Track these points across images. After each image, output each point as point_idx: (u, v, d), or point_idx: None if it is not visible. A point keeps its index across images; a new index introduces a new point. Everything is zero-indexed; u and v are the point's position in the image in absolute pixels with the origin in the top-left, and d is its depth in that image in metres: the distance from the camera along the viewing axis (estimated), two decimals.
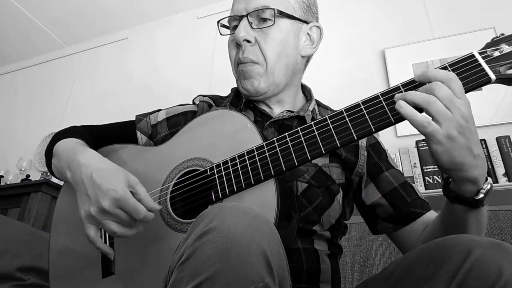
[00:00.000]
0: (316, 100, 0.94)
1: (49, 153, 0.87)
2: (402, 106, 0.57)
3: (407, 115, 0.56)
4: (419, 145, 1.85)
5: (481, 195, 0.59)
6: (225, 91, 1.06)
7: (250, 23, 0.82)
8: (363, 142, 0.85)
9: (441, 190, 1.79)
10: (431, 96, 0.55)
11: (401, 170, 0.87)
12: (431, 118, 0.56)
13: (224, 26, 0.90)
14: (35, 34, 3.38)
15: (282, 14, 0.82)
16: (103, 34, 3.42)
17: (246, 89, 0.84)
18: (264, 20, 0.82)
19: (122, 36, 3.34)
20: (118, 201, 0.65)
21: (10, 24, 3.26)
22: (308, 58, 0.93)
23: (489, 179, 0.60)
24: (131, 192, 0.67)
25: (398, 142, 2.01)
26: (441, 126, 0.54)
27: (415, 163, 1.83)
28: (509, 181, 1.66)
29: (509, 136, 1.75)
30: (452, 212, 0.65)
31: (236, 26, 0.85)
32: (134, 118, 0.97)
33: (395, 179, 0.83)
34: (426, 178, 1.77)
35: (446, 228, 0.68)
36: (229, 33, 0.89)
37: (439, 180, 1.74)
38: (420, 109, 0.56)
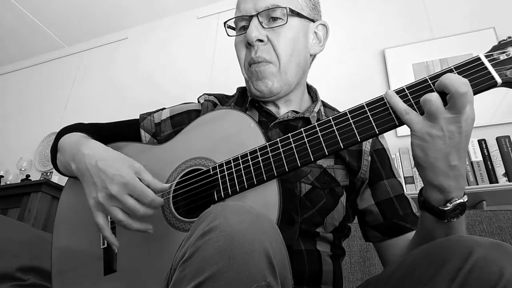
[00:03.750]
0: (322, 101, 0.93)
1: (54, 149, 0.88)
2: (389, 94, 0.59)
3: (391, 101, 0.58)
4: None
5: (448, 207, 0.57)
6: (225, 91, 1.06)
7: (261, 23, 0.81)
8: (367, 147, 0.84)
9: None
10: (432, 94, 0.55)
11: (402, 181, 0.85)
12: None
13: (230, 27, 0.88)
14: (35, 34, 3.37)
15: (293, 13, 0.81)
16: (103, 34, 3.42)
17: (260, 90, 0.83)
18: (274, 19, 0.81)
19: (122, 36, 3.34)
20: (126, 185, 0.65)
21: (10, 24, 3.25)
22: (314, 57, 0.92)
23: (465, 197, 0.58)
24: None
25: (398, 142, 2.02)
26: (429, 122, 0.55)
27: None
28: (509, 181, 1.66)
29: (509, 136, 1.75)
30: (422, 221, 0.64)
31: (244, 27, 0.84)
32: (137, 117, 0.97)
33: (393, 190, 0.81)
34: None
35: (418, 240, 0.67)
36: (235, 34, 0.87)
37: None
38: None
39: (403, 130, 2.03)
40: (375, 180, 0.83)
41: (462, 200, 0.58)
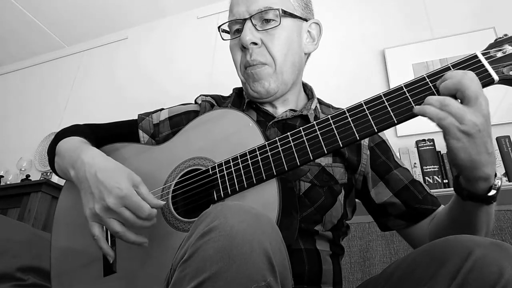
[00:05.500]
0: (318, 99, 0.94)
1: (51, 152, 0.87)
2: (416, 108, 0.58)
3: (423, 111, 0.57)
4: (419, 145, 1.85)
5: (493, 191, 0.60)
6: (225, 91, 1.06)
7: (254, 25, 0.82)
8: (365, 141, 0.85)
9: (441, 189, 1.79)
10: (446, 98, 0.56)
11: (408, 168, 0.88)
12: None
13: (224, 31, 0.89)
14: (35, 34, 3.37)
15: (286, 14, 0.82)
16: (103, 34, 3.42)
17: (257, 91, 0.83)
18: (267, 21, 0.82)
19: (122, 36, 3.34)
20: (123, 199, 0.65)
21: (10, 24, 3.25)
22: (308, 55, 0.93)
23: (498, 174, 0.61)
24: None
25: (398, 142, 2.02)
26: (460, 124, 0.55)
27: (415, 163, 1.83)
28: (509, 181, 1.66)
29: (509, 136, 1.75)
30: (464, 208, 0.65)
31: (238, 30, 0.85)
32: (135, 118, 0.97)
33: (405, 177, 0.83)
34: (426, 178, 1.77)
35: (457, 223, 0.68)
36: (230, 37, 0.88)
37: (439, 180, 1.75)
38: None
39: (403, 130, 2.03)
40: (386, 173, 0.84)
41: (500, 181, 0.61)
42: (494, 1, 2.17)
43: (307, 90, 0.96)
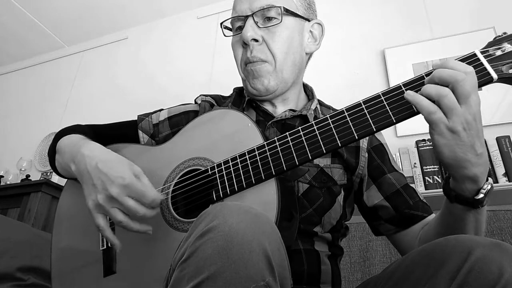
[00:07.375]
0: (318, 100, 0.94)
1: (52, 150, 0.88)
2: (410, 94, 0.57)
3: (415, 101, 0.56)
4: (419, 145, 1.85)
5: (481, 195, 0.59)
6: (225, 91, 1.06)
7: (256, 22, 0.82)
8: (364, 144, 0.85)
9: (441, 190, 1.78)
10: (445, 89, 0.54)
11: (403, 173, 0.87)
12: None
13: (226, 27, 0.90)
14: (35, 34, 3.37)
15: (288, 12, 0.83)
16: (103, 34, 3.42)
17: (256, 89, 0.84)
18: (269, 18, 0.82)
19: (122, 36, 3.34)
20: (126, 187, 0.65)
21: (10, 24, 3.25)
22: (310, 55, 0.93)
23: (490, 180, 0.60)
24: None
25: (398, 142, 2.01)
26: (448, 119, 0.54)
27: (415, 163, 1.83)
28: (509, 181, 1.66)
29: (509, 136, 1.75)
30: (451, 211, 0.65)
31: (240, 27, 0.85)
32: (135, 118, 0.97)
33: (398, 182, 0.82)
34: (426, 178, 1.77)
35: (445, 227, 0.68)
36: (232, 34, 0.89)
37: (439, 180, 1.74)
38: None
39: (403, 130, 2.03)
40: (379, 176, 0.83)
41: (490, 186, 0.59)
42: (494, 1, 2.17)
43: (308, 91, 0.96)
